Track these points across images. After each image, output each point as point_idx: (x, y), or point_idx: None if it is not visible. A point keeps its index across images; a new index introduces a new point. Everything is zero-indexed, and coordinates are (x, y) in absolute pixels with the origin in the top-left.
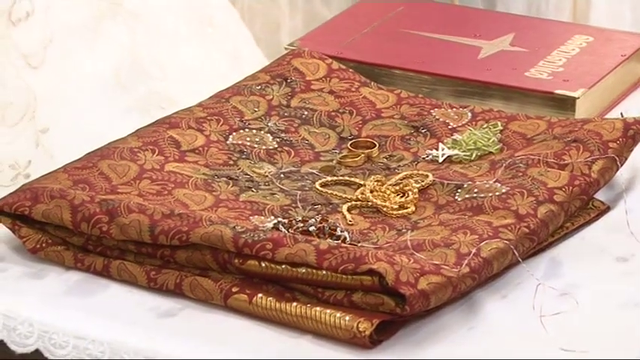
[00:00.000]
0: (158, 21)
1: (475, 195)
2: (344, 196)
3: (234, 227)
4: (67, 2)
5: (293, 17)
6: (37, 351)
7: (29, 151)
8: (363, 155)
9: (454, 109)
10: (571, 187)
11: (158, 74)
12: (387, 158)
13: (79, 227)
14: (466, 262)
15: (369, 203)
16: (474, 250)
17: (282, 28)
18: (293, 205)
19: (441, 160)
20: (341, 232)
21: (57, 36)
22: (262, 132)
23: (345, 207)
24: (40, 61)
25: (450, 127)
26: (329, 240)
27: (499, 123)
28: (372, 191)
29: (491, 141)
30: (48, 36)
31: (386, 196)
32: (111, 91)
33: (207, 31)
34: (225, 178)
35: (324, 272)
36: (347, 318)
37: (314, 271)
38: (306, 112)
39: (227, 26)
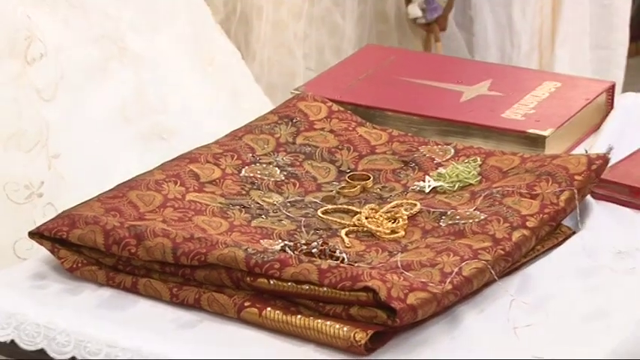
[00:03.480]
0: (161, 61)
1: (457, 221)
2: (342, 222)
3: (246, 249)
4: (78, 44)
5: (307, 66)
6: (73, 358)
7: (42, 173)
8: (359, 186)
9: (439, 146)
10: (541, 215)
11: (160, 108)
12: (380, 189)
13: (111, 249)
14: (449, 280)
15: (365, 228)
16: (456, 270)
17: (297, 75)
18: (298, 230)
19: (427, 190)
20: (340, 253)
21: (67, 73)
22: (271, 166)
23: (343, 232)
24: (52, 96)
25: (435, 161)
26: (329, 261)
27: (478, 158)
28: (367, 218)
29: (471, 174)
30: (59, 74)
31: (379, 222)
32: (116, 122)
33: (208, 70)
34: (238, 207)
35: (325, 289)
36: (345, 329)
37: (316, 287)
38: (309, 149)
39: (228, 66)
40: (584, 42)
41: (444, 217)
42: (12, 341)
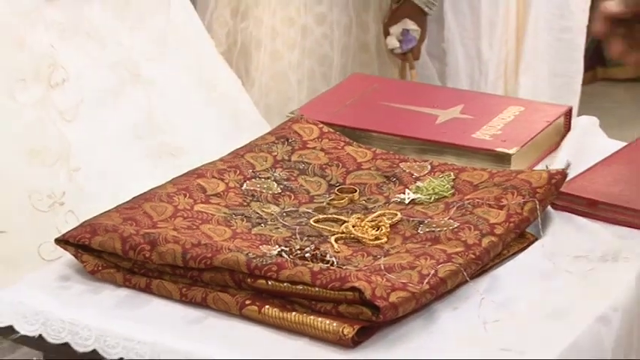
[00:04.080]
0: (170, 87)
1: (433, 229)
2: (332, 230)
3: (247, 254)
4: (95, 71)
5: (300, 91)
6: (94, 351)
7: (63, 184)
8: (346, 198)
9: (417, 163)
10: (507, 223)
11: (168, 128)
12: (365, 200)
13: (128, 254)
14: (426, 281)
15: (352, 235)
16: (432, 272)
17: (292, 100)
18: (293, 237)
19: (407, 202)
20: (330, 257)
21: (86, 97)
22: (269, 180)
23: (333, 238)
24: (73, 116)
25: (414, 176)
26: (320, 264)
27: (452, 173)
28: (353, 226)
29: (445, 187)
30: (79, 97)
31: (364, 230)
32: (129, 140)
33: (212, 95)
34: (240, 216)
35: (316, 289)
36: (334, 324)
37: (309, 287)
38: (303, 165)
39: (229, 91)
40: (544, 71)
41: (421, 226)
42: (40, 336)
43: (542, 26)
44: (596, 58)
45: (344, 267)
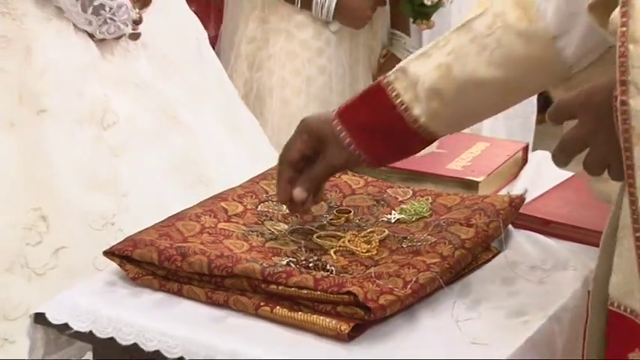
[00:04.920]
0: (202, 127)
1: (415, 244)
2: (331, 244)
3: (261, 264)
4: (141, 115)
5: None
6: (134, 344)
7: (114, 208)
8: (343, 218)
9: (401, 189)
10: (476, 239)
11: (201, 162)
12: (358, 220)
13: (163, 264)
14: (409, 286)
15: (348, 248)
16: (414, 279)
17: None
18: (299, 249)
19: (393, 221)
20: (329, 267)
21: (133, 136)
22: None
23: (332, 251)
24: (122, 152)
25: (399, 200)
26: (322, 272)
27: (430, 198)
28: (349, 241)
29: (425, 209)
30: (127, 136)
31: (358, 244)
32: (168, 172)
33: (235, 134)
34: (256, 233)
35: (318, 293)
36: (333, 322)
37: (312, 292)
38: None
39: (249, 130)
40: (503, 112)
41: (405, 241)
42: (90, 331)
43: None
44: (546, 103)
45: (341, 275)
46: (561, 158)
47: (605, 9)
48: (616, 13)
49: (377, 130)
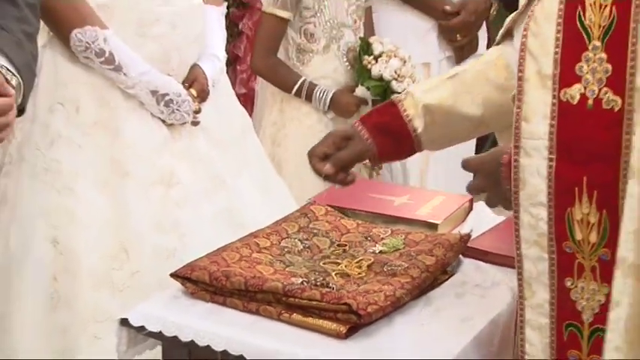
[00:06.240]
0: (242, 189)
1: (393, 268)
2: (333, 268)
3: (282, 283)
4: (197, 178)
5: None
6: (192, 341)
7: (175, 244)
8: (341, 250)
9: (382, 229)
10: (436, 265)
11: (241, 213)
12: (352, 251)
13: (212, 283)
14: (389, 299)
15: (345, 272)
16: (392, 294)
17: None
18: (310, 272)
19: (377, 252)
20: (332, 285)
21: (191, 194)
22: (296, 240)
23: (333, 273)
24: (183, 205)
25: (381, 237)
26: (326, 289)
27: (403, 235)
28: (345, 266)
29: (400, 243)
30: (187, 194)
31: (352, 268)
32: (217, 218)
33: (267, 193)
34: (279, 261)
35: (324, 303)
36: (334, 325)
37: (319, 303)
38: (316, 230)
39: (276, 188)
40: (448, 176)
41: (385, 266)
42: (160, 332)
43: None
44: None
45: (340, 291)
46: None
47: None
48: (512, 96)
49: (387, 132)
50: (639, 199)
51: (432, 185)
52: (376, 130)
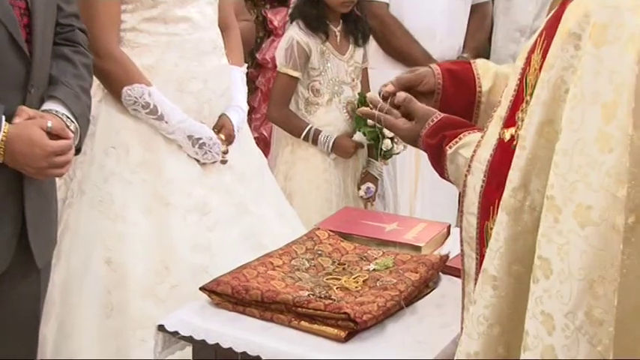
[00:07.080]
0: (265, 216)
1: (384, 283)
2: (335, 283)
3: (292, 295)
4: (226, 208)
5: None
6: (217, 343)
7: (207, 262)
8: (341, 268)
9: (376, 250)
10: (420, 280)
11: (262, 235)
12: (350, 269)
13: (234, 295)
14: (381, 309)
15: (344, 286)
16: (383, 304)
17: (315, 220)
18: (315, 286)
19: (371, 270)
20: (333, 297)
21: (221, 220)
22: (304, 259)
23: (335, 287)
24: (213, 229)
25: (374, 257)
26: (329, 300)
27: (393, 256)
28: (345, 282)
29: (390, 263)
30: (217, 220)
31: (350, 283)
32: (242, 241)
33: (283, 220)
34: (289, 277)
35: (327, 312)
36: (335, 330)
37: (323, 312)
38: (320, 251)
39: (290, 217)
40: (433, 205)
41: (378, 281)
42: (190, 336)
43: (428, 178)
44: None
45: (340, 302)
46: None
47: None
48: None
49: (457, 78)
50: (503, 226)
51: (419, 214)
52: (448, 72)
